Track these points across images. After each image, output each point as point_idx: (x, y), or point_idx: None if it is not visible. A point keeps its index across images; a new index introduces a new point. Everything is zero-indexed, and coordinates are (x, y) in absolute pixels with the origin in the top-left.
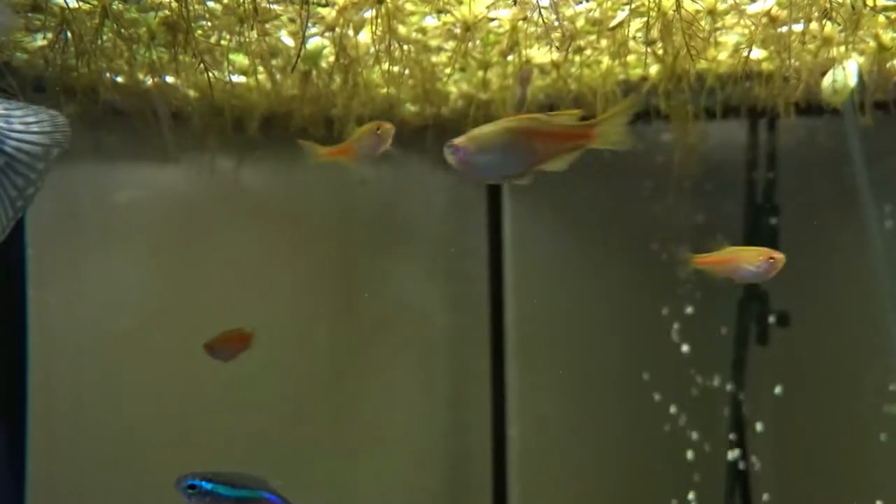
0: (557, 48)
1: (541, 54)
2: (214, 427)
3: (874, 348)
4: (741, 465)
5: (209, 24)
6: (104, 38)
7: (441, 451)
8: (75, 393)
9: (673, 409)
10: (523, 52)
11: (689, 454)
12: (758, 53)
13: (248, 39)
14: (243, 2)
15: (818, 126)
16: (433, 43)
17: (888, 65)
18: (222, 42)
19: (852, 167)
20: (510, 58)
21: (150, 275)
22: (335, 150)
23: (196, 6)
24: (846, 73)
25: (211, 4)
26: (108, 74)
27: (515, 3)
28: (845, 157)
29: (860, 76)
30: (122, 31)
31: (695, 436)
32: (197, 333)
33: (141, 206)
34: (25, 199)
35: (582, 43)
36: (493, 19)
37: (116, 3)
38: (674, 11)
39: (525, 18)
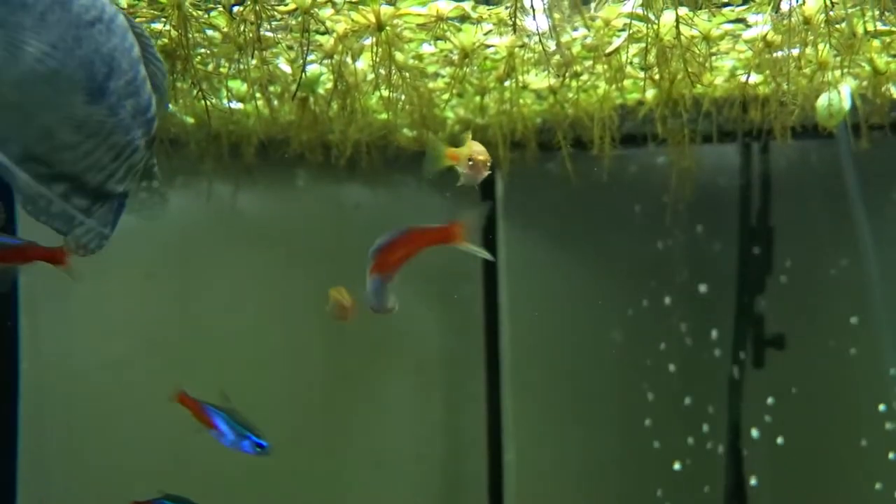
0: (556, 75)
1: (538, 80)
2: (209, 454)
3: (869, 368)
4: (739, 485)
5: (208, 51)
6: None
7: (437, 475)
8: (67, 421)
9: (670, 431)
10: (520, 78)
11: (686, 474)
12: (753, 78)
13: (246, 67)
14: (243, 30)
15: (812, 149)
16: (430, 69)
17: (883, 88)
18: (221, 69)
19: (847, 189)
20: (507, 83)
21: (144, 301)
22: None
23: (195, 34)
24: (841, 96)
25: (210, 33)
26: None
27: (515, 31)
28: (839, 178)
29: (853, 99)
30: None
31: (692, 456)
32: (191, 360)
33: (135, 231)
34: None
35: (578, 68)
36: (489, 46)
37: None
38: (671, 38)
39: (522, 45)
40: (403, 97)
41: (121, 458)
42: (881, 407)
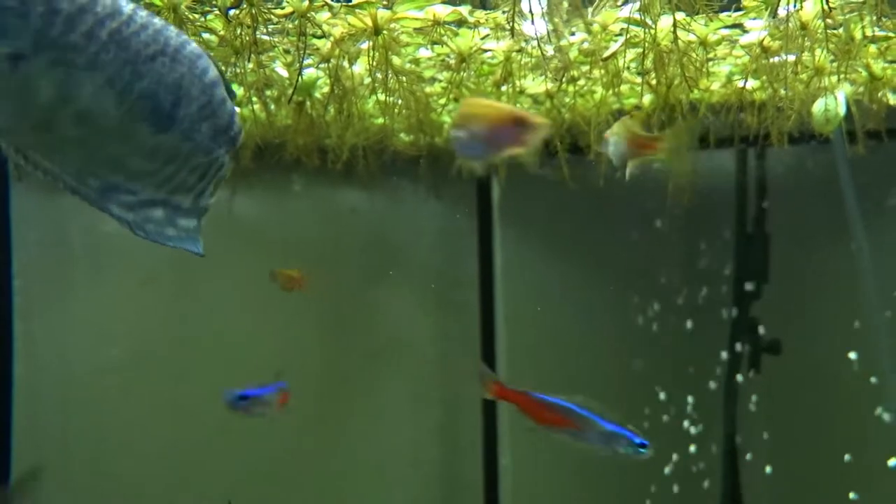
0: (554, 79)
1: (534, 84)
2: (205, 458)
3: (865, 374)
4: (735, 490)
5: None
6: None
7: (433, 480)
8: (63, 427)
9: (667, 435)
10: (517, 83)
11: (682, 480)
12: (750, 83)
13: (243, 70)
14: (240, 34)
15: (807, 154)
16: (427, 73)
17: (879, 94)
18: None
19: (842, 194)
20: (504, 88)
21: (140, 306)
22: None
23: (191, 37)
24: (837, 102)
25: (206, 36)
26: None
27: (513, 36)
28: (835, 184)
29: (848, 105)
30: None
31: (689, 461)
32: (187, 365)
33: (130, 235)
34: None
35: (575, 73)
36: (486, 50)
37: None
38: (669, 43)
39: (520, 50)
40: (400, 101)
41: (116, 463)
42: (879, 412)
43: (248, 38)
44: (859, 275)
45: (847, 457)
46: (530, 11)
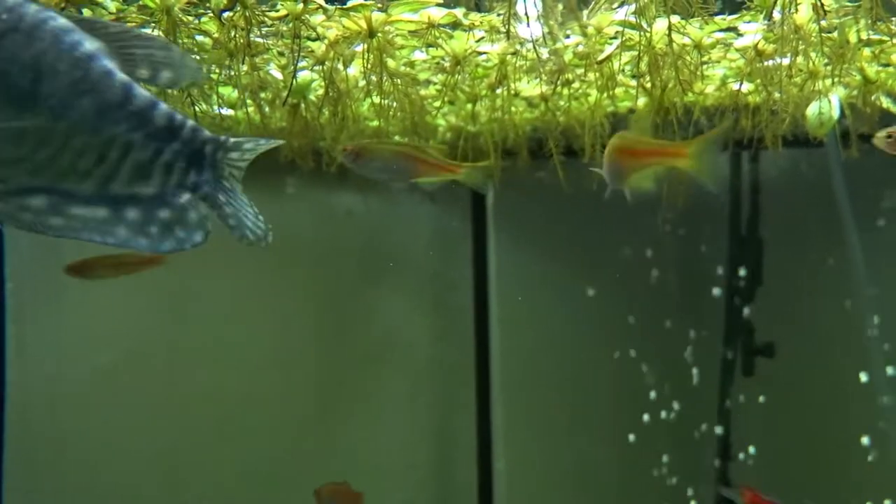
0: (549, 82)
1: (529, 87)
2: (200, 460)
3: (856, 375)
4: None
5: (198, 57)
6: None
7: (428, 483)
8: (55, 430)
9: (660, 440)
10: (512, 85)
11: (676, 484)
12: (744, 86)
13: (237, 73)
14: (234, 36)
15: (801, 157)
16: (422, 76)
17: (873, 97)
18: (212, 75)
19: (836, 197)
20: (499, 90)
21: (132, 308)
22: None
23: (185, 40)
24: (831, 105)
25: (200, 38)
26: None
27: (508, 38)
28: (829, 187)
29: (841, 108)
30: None
31: (683, 465)
32: (181, 367)
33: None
34: None
35: (570, 76)
36: (481, 53)
37: None
38: (663, 45)
39: (514, 53)
40: (395, 104)
41: (108, 465)
42: (867, 416)
43: (241, 41)
44: (852, 277)
45: (839, 457)
46: (526, 14)
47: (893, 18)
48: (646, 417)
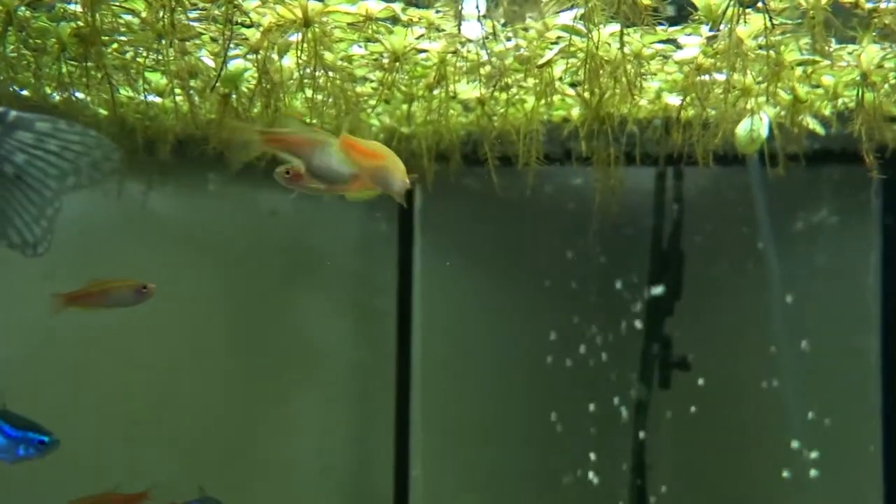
0: (487, 85)
1: (468, 89)
2: (105, 462)
3: (772, 389)
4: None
5: (125, 38)
6: (8, 47)
7: (342, 489)
8: None
9: (579, 446)
10: (450, 87)
11: (593, 491)
12: (678, 100)
13: (165, 57)
14: (162, 17)
15: (725, 175)
16: (360, 72)
17: (800, 117)
18: (139, 59)
19: (757, 215)
20: (436, 91)
21: (41, 302)
22: None
23: (111, 18)
24: (761, 123)
25: (128, 18)
26: (12, 87)
27: (459, 30)
28: (750, 205)
29: (770, 127)
30: (30, 40)
31: (599, 473)
32: (88, 366)
33: None
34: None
35: (509, 80)
36: (422, 51)
37: (24, 9)
38: (604, 53)
39: (455, 52)
40: (330, 100)
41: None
42: (783, 429)
43: (169, 22)
44: (770, 292)
45: (754, 472)
46: (462, 13)
47: (832, 39)
48: (564, 424)
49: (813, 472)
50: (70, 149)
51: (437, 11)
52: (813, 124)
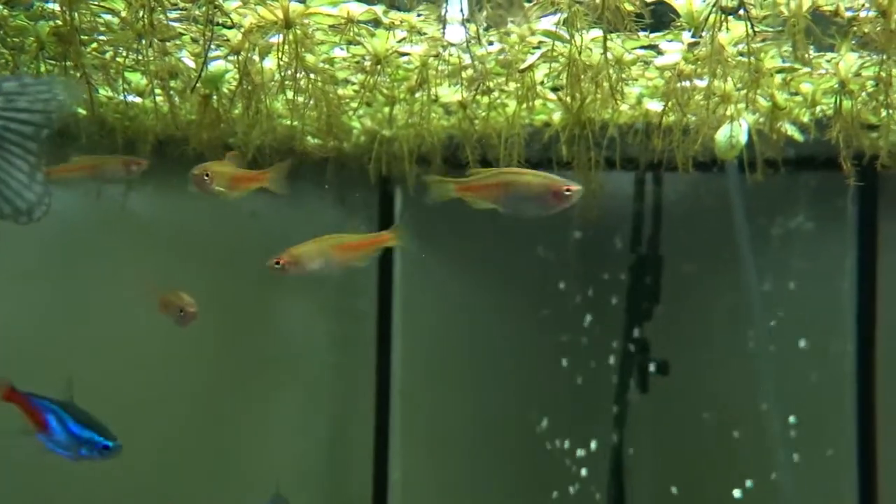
0: (471, 88)
1: (449, 93)
2: (81, 464)
3: (749, 390)
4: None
5: (105, 38)
6: None
7: (321, 493)
8: None
9: (558, 452)
10: (432, 90)
11: (573, 495)
12: (660, 106)
13: (146, 57)
14: (142, 16)
15: (704, 180)
16: (341, 75)
17: (778, 124)
18: (118, 59)
19: (734, 220)
20: (418, 94)
21: (20, 301)
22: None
23: (90, 17)
24: (740, 129)
25: (108, 17)
26: None
27: (443, 32)
28: (728, 210)
29: (749, 133)
30: (7, 38)
31: (579, 478)
32: (69, 364)
33: (14, 227)
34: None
35: (490, 84)
36: (404, 54)
37: (1, 7)
38: (586, 58)
39: (437, 55)
40: (311, 102)
41: None
42: (759, 432)
43: (149, 22)
44: (747, 296)
45: (732, 472)
46: (447, 17)
47: (811, 47)
48: (545, 427)
49: (789, 475)
50: (39, 99)
51: (419, 15)
52: (791, 131)
